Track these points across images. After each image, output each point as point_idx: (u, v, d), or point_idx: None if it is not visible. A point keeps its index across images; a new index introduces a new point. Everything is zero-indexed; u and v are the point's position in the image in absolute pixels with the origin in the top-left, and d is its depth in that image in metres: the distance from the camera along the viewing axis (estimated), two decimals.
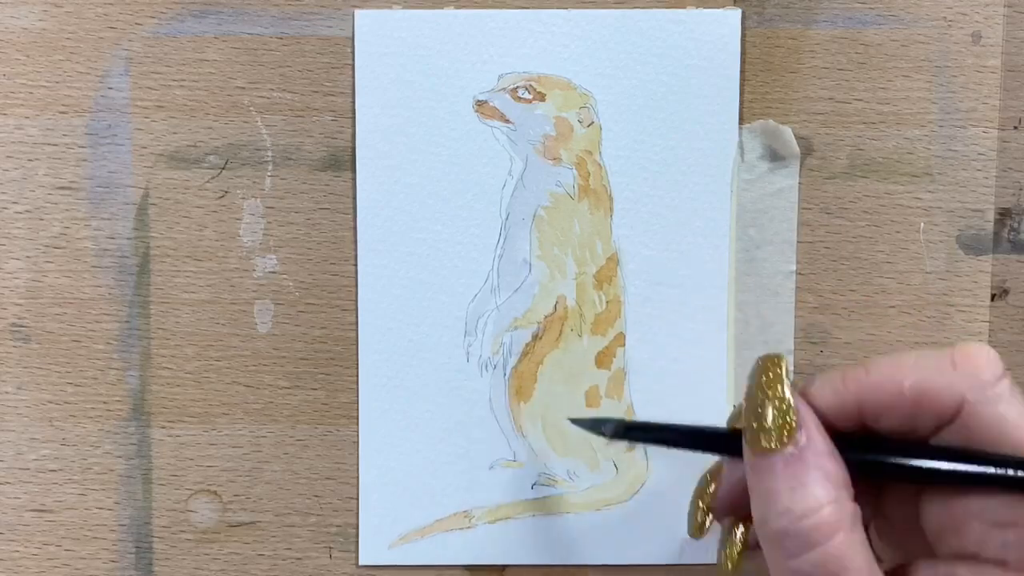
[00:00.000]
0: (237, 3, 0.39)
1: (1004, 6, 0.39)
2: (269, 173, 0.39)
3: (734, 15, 0.38)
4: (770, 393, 0.29)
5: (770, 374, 0.29)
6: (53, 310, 0.39)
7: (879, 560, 0.28)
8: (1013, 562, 0.27)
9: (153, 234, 0.39)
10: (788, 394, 0.29)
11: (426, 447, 0.39)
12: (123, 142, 0.39)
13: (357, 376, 0.39)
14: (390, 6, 0.39)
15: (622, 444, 0.39)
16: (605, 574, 0.40)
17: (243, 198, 0.39)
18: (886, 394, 0.29)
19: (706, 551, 0.39)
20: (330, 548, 0.40)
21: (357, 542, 0.40)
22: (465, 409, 0.39)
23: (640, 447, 0.39)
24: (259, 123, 0.39)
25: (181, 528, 0.40)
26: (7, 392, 0.39)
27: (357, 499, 0.40)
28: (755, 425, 0.29)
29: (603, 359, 0.39)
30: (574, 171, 0.39)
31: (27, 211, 0.39)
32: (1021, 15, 0.39)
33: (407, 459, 0.39)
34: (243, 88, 0.39)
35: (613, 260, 0.39)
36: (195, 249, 0.39)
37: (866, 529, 0.29)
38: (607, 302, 0.39)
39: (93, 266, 0.39)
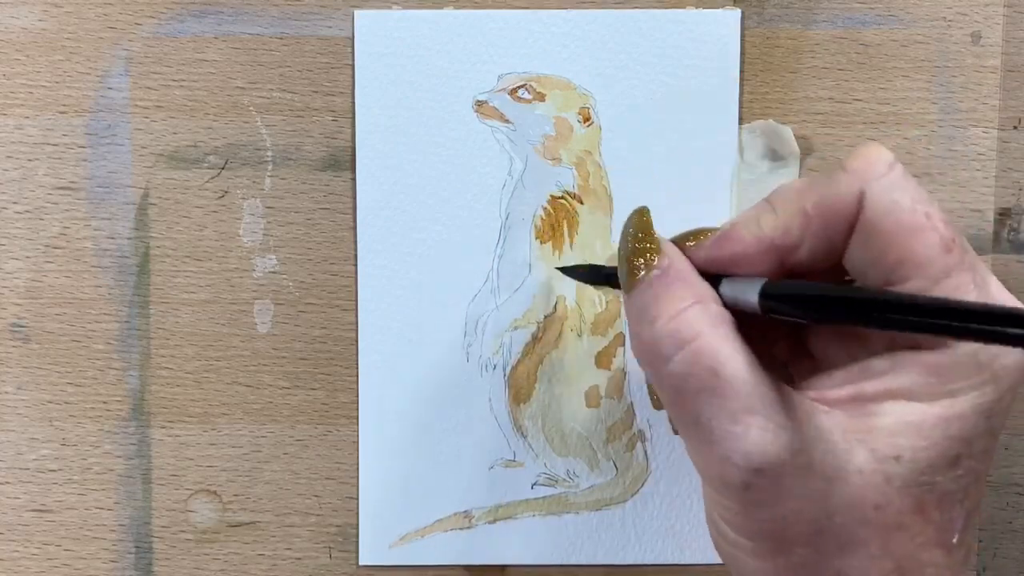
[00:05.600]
0: (237, 3, 0.39)
1: (1004, 6, 0.39)
2: (269, 173, 0.39)
3: (734, 15, 0.38)
4: (638, 235, 0.31)
5: (640, 234, 0.31)
6: (53, 310, 0.39)
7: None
8: (924, 343, 0.28)
9: (153, 234, 0.39)
10: (653, 232, 0.31)
11: (426, 447, 0.39)
12: (123, 142, 0.39)
13: (357, 376, 0.39)
14: (390, 6, 0.39)
15: (622, 444, 0.39)
16: (605, 574, 0.40)
17: (243, 198, 0.39)
18: (796, 227, 0.29)
19: (706, 551, 0.39)
20: (330, 548, 0.40)
21: (357, 542, 0.40)
22: (465, 409, 0.39)
23: (640, 447, 0.39)
24: (259, 123, 0.39)
25: (181, 528, 0.40)
26: (7, 392, 0.39)
27: (357, 499, 0.40)
28: (626, 268, 0.31)
29: (603, 359, 0.39)
30: (574, 171, 0.39)
31: (27, 211, 0.39)
32: (1021, 15, 0.39)
33: (407, 459, 0.39)
34: (243, 88, 0.39)
35: (613, 260, 0.39)
36: (195, 249, 0.39)
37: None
38: (607, 302, 0.39)
39: (93, 266, 0.39)
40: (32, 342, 0.39)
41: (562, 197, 0.39)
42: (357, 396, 0.39)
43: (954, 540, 0.29)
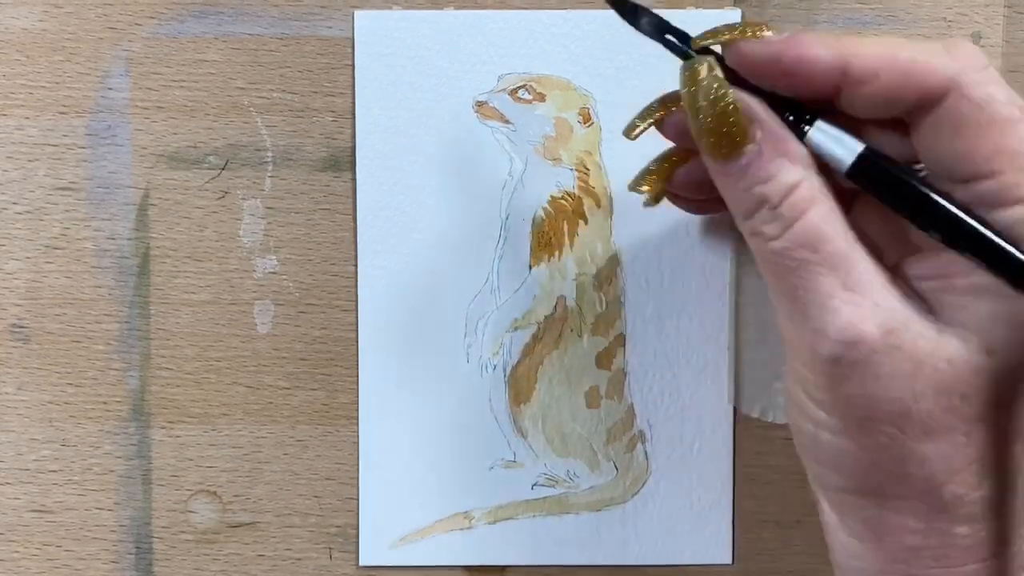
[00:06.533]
0: (237, 3, 0.39)
1: (1004, 6, 0.39)
2: (269, 173, 0.39)
3: (734, 15, 0.38)
4: (713, 99, 0.29)
5: (708, 82, 0.29)
6: (53, 310, 0.39)
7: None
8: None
9: (153, 234, 0.39)
10: (730, 95, 0.29)
11: (426, 447, 0.39)
12: (123, 142, 0.39)
13: (357, 376, 0.39)
14: (390, 6, 0.39)
15: (623, 445, 0.39)
16: (605, 574, 0.40)
17: (243, 198, 0.39)
18: (878, 58, 0.28)
19: (706, 551, 0.39)
20: (330, 548, 0.40)
21: (357, 542, 0.40)
22: (465, 410, 0.39)
23: (640, 448, 0.39)
24: (259, 123, 0.39)
25: (181, 528, 0.40)
26: (7, 392, 0.39)
27: (357, 499, 0.40)
28: (707, 139, 0.29)
29: (603, 360, 0.39)
30: (574, 172, 0.39)
31: (27, 211, 0.39)
32: (1021, 15, 0.39)
33: (407, 459, 0.39)
34: (243, 88, 0.39)
35: (613, 261, 0.39)
36: (195, 249, 0.39)
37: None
38: (607, 303, 0.39)
39: (93, 266, 0.39)
40: (32, 342, 0.39)
41: (562, 197, 0.39)
42: (357, 396, 0.39)
43: None
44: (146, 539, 0.40)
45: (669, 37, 0.31)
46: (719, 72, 0.29)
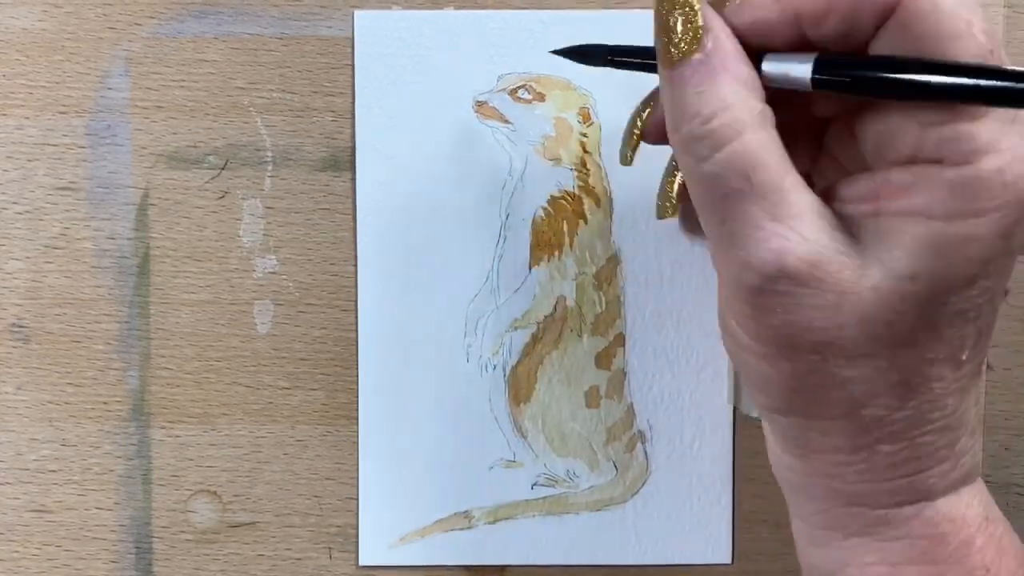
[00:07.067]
0: (237, 3, 0.39)
1: (1004, 6, 0.39)
2: (269, 173, 0.39)
3: None
4: (678, 3, 0.29)
5: None
6: (53, 310, 0.39)
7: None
8: (948, 157, 0.27)
9: (153, 234, 0.39)
10: (694, 2, 0.29)
11: (426, 447, 0.39)
12: (123, 142, 0.39)
13: (357, 376, 0.39)
14: (390, 6, 0.39)
15: (622, 445, 0.39)
16: (605, 574, 0.40)
17: (243, 198, 0.39)
18: None
19: (707, 551, 0.39)
20: (330, 548, 0.40)
21: (357, 542, 0.40)
22: (465, 409, 0.39)
23: (640, 448, 0.39)
24: (259, 123, 0.39)
25: (181, 528, 0.40)
26: (7, 392, 0.39)
27: (357, 499, 0.40)
28: (664, 39, 0.29)
29: (603, 359, 0.39)
30: (574, 171, 0.39)
31: (27, 211, 0.39)
32: (1021, 15, 0.39)
33: (407, 459, 0.39)
34: (243, 88, 0.39)
35: (613, 260, 0.39)
36: (195, 249, 0.39)
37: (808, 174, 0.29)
38: (607, 302, 0.39)
39: (93, 266, 0.39)
40: (32, 342, 0.39)
41: (562, 197, 0.39)
42: (357, 396, 0.39)
43: (963, 356, 0.29)
44: (146, 539, 0.40)
45: (629, 60, 0.33)
46: None
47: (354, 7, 0.39)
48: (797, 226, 0.28)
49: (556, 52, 0.35)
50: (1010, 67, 0.27)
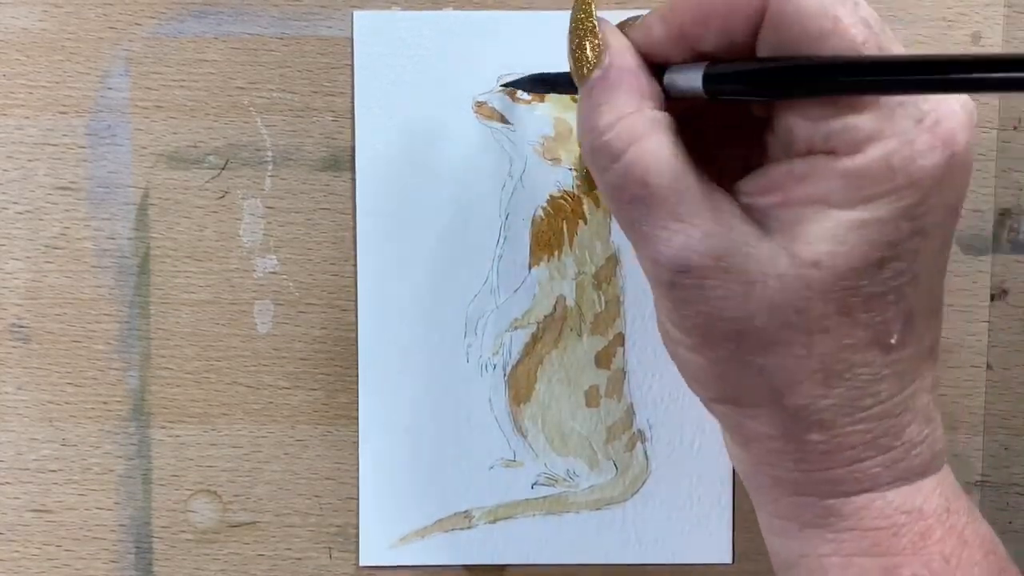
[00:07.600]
0: (237, 3, 0.39)
1: (1004, 6, 0.39)
2: (269, 173, 0.39)
3: None
4: (582, 29, 0.31)
5: (581, 14, 0.31)
6: (53, 310, 0.39)
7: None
8: (837, 148, 0.28)
9: (153, 234, 0.39)
10: (596, 25, 0.31)
11: (426, 447, 0.39)
12: (123, 142, 0.39)
13: (357, 376, 0.39)
14: (390, 6, 0.39)
15: (622, 444, 0.39)
16: (605, 574, 0.40)
17: (243, 198, 0.39)
18: (700, 8, 0.30)
19: (706, 551, 0.39)
20: (330, 548, 0.40)
21: (357, 542, 0.40)
22: (465, 409, 0.39)
23: (640, 447, 0.39)
24: (259, 123, 0.39)
25: (181, 528, 0.40)
26: (7, 392, 0.39)
27: (357, 499, 0.40)
28: (574, 62, 0.31)
29: (603, 359, 0.39)
30: (573, 171, 0.39)
31: (27, 211, 0.39)
32: (1021, 15, 0.39)
33: (407, 459, 0.39)
34: (243, 88, 0.39)
35: (612, 260, 0.39)
36: (195, 249, 0.39)
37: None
38: (606, 302, 0.39)
39: (93, 266, 0.39)
40: (32, 342, 0.39)
41: (562, 197, 0.39)
42: (357, 396, 0.39)
43: (892, 341, 0.29)
44: (146, 539, 0.40)
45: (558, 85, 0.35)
46: (593, 9, 0.31)
47: (354, 7, 0.39)
48: (699, 223, 0.29)
49: (504, 86, 0.38)
50: (881, 56, 0.28)
